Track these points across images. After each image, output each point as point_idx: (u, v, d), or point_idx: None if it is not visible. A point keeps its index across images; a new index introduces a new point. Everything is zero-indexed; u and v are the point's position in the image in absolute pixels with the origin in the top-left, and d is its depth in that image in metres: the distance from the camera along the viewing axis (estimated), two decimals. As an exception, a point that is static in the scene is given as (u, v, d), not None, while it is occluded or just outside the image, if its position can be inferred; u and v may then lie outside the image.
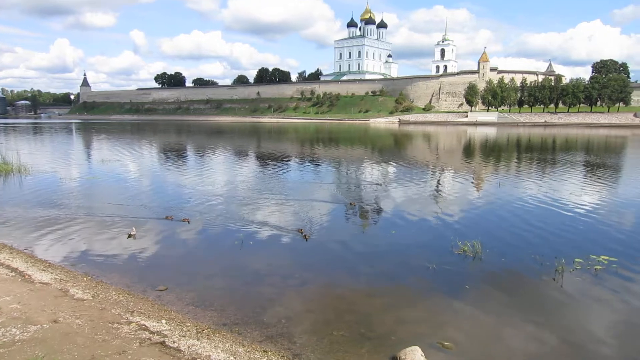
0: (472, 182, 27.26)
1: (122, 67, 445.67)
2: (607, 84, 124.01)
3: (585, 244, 13.94)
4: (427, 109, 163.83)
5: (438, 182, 27.17)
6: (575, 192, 22.82)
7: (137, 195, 21.56)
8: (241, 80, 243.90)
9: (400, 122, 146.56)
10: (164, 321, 8.41)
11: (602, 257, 12.48)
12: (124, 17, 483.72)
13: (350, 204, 19.44)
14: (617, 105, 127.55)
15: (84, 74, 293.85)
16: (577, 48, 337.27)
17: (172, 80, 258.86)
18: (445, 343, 8.09)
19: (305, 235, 14.30)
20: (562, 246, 13.75)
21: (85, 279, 10.77)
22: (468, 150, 52.71)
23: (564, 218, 17.41)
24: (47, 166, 32.00)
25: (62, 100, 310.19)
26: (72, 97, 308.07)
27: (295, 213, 17.97)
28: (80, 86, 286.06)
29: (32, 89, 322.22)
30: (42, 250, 13.14)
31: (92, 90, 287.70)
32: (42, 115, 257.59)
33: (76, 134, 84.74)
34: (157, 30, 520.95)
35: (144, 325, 8.12)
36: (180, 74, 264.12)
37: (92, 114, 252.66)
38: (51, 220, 16.21)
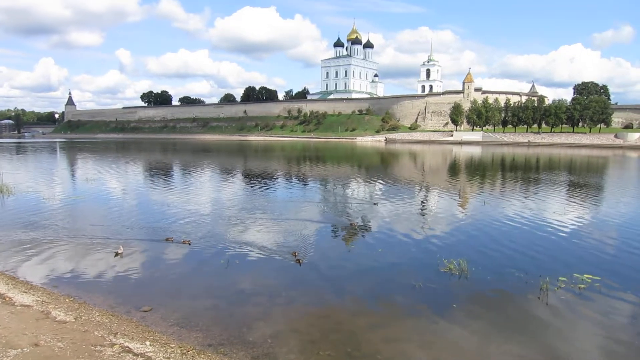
0: (457, 201, 27.48)
1: (107, 85, 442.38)
2: (588, 105, 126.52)
3: (569, 263, 14.10)
4: (413, 127, 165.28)
5: (424, 201, 27.35)
6: (559, 211, 23.13)
7: (121, 215, 21.36)
8: (228, 99, 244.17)
9: (387, 141, 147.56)
10: (148, 342, 8.29)
11: (585, 275, 12.62)
12: (110, 36, 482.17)
13: (351, 224, 19.15)
14: (598, 126, 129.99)
15: (69, 93, 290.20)
16: (559, 70, 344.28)
17: (159, 99, 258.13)
18: (432, 362, 8.09)
19: (298, 260, 13.80)
20: (546, 264, 13.91)
21: (67, 300, 10.59)
22: (454, 169, 53.21)
23: (548, 237, 17.62)
24: (30, 186, 31.59)
25: (47, 119, 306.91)
26: (56, 116, 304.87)
27: (280, 232, 17.95)
28: (65, 105, 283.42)
29: (15, 108, 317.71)
30: (24, 271, 12.91)
31: (77, 109, 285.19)
32: (25, 134, 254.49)
33: (60, 153, 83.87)
34: (144, 49, 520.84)
35: (128, 347, 8.00)
36: (167, 92, 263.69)
37: (76, 132, 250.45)
38: (33, 241, 15.96)
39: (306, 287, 11.91)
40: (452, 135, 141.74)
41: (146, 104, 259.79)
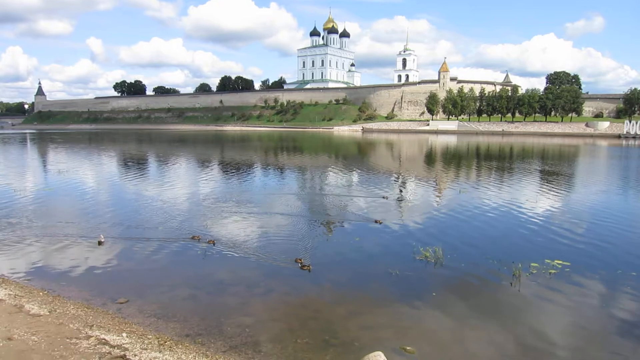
0: (433, 189, 27.84)
1: (79, 75, 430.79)
2: (560, 94, 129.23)
3: (540, 249, 14.45)
4: (390, 117, 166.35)
5: (400, 189, 27.61)
6: (531, 198, 23.66)
7: (96, 207, 21.06)
8: (204, 89, 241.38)
9: (364, 130, 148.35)
10: (124, 334, 8.24)
11: (556, 261, 12.99)
12: (81, 24, 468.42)
13: (376, 221, 17.77)
14: (570, 115, 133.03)
15: (39, 83, 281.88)
16: (532, 60, 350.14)
17: (132, 89, 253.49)
18: (408, 348, 8.25)
19: (306, 266, 12.40)
20: (519, 251, 14.26)
21: (41, 293, 10.43)
22: (430, 158, 53.78)
23: (521, 224, 18.03)
24: (0, 178, 30.78)
25: (16, 110, 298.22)
26: (26, 106, 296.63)
27: (257, 223, 17.97)
28: (35, 95, 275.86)
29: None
30: (-5, 264, 12.63)
31: (48, 99, 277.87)
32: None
33: (30, 144, 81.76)
34: (116, 37, 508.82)
35: (104, 339, 7.94)
36: (141, 82, 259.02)
37: (47, 123, 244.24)
38: (4, 234, 15.59)
39: (284, 276, 11.94)
40: (428, 125, 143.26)
41: (119, 94, 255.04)
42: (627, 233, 16.80)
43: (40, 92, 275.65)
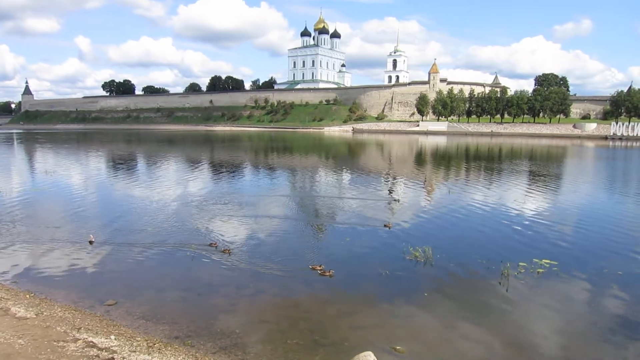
0: (423, 189, 27.92)
1: (66, 74, 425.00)
2: (548, 96, 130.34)
3: (528, 249, 14.57)
4: (380, 118, 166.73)
5: (390, 190, 27.67)
6: (520, 199, 23.84)
7: (83, 208, 20.83)
8: (193, 88, 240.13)
9: (354, 131, 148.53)
10: (113, 337, 8.17)
11: (544, 260, 13.10)
12: (69, 23, 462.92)
13: (385, 225, 17.43)
14: (557, 116, 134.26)
15: (26, 82, 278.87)
16: (521, 62, 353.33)
17: (121, 88, 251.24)
18: (398, 347, 8.27)
19: (326, 272, 12.05)
20: (507, 250, 14.35)
21: (28, 296, 10.30)
22: (419, 159, 53.98)
23: (509, 224, 18.16)
24: (-14, 178, 30.36)
25: (2, 110, 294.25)
26: (13, 106, 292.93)
27: (247, 225, 17.91)
28: (22, 94, 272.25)
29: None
30: (-19, 266, 12.45)
31: (35, 98, 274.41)
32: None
33: (17, 144, 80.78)
34: (104, 36, 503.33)
35: (92, 342, 7.86)
36: (130, 81, 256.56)
37: (35, 123, 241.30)
38: (-10, 235, 15.39)
39: (274, 277, 11.91)
40: (418, 125, 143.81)
41: (108, 94, 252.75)
42: (614, 233, 16.98)
43: (27, 91, 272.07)
